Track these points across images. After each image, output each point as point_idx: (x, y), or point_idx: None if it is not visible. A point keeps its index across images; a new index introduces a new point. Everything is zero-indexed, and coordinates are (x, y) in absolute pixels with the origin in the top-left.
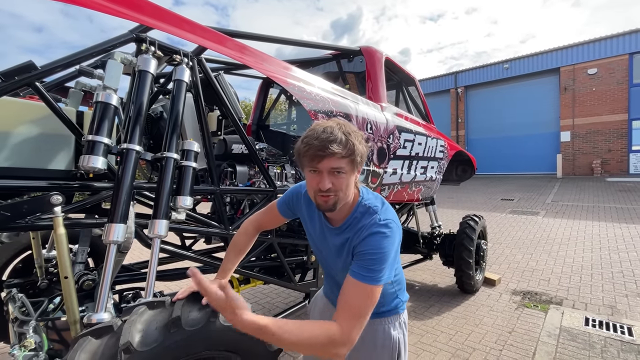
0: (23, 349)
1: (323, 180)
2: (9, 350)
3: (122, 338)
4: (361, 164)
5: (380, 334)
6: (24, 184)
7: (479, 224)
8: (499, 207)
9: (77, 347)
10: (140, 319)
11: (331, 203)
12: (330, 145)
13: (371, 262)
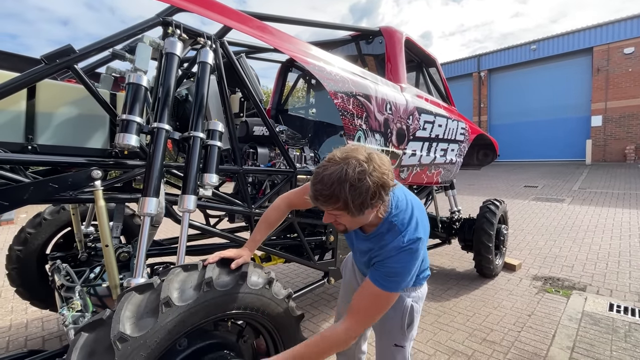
0: (71, 310)
1: (325, 217)
2: (59, 311)
3: (162, 293)
4: (366, 208)
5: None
6: (67, 159)
7: (500, 208)
8: (521, 194)
9: (123, 299)
10: (177, 279)
11: (341, 229)
12: (318, 198)
13: (391, 273)
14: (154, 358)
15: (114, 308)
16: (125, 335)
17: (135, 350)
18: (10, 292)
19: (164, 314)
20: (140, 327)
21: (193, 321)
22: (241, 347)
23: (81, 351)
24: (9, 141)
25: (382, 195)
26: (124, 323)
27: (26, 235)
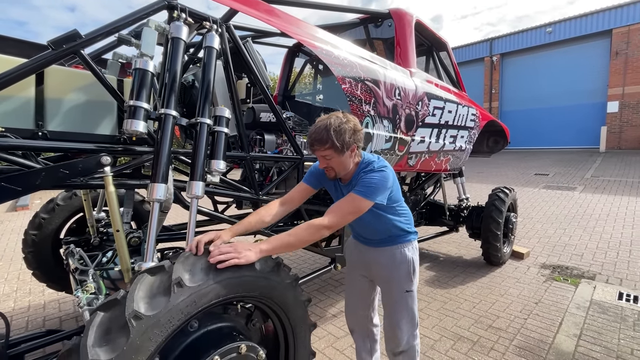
0: (85, 292)
1: (320, 162)
2: (74, 293)
3: (174, 275)
4: (347, 148)
5: (398, 255)
6: (76, 146)
7: (509, 196)
8: (532, 182)
9: (136, 281)
10: (187, 262)
11: (332, 175)
12: (314, 143)
13: (366, 184)
14: (167, 337)
15: (127, 290)
16: (140, 313)
17: (150, 329)
18: (27, 275)
19: (176, 294)
20: (154, 307)
21: (204, 302)
22: (250, 330)
23: (98, 329)
24: (19, 127)
25: (356, 137)
26: (137, 302)
27: (40, 220)
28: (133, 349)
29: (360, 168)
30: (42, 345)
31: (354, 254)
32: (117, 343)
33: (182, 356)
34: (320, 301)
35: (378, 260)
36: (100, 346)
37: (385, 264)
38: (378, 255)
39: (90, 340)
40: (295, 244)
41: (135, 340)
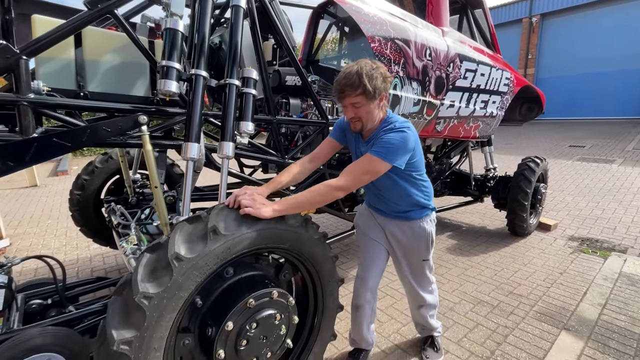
0: (129, 243)
1: (347, 112)
2: (119, 244)
3: (209, 223)
4: (378, 95)
5: (416, 229)
6: (114, 106)
7: (540, 166)
8: (565, 154)
9: (176, 228)
10: (221, 213)
11: (358, 127)
12: (345, 89)
13: (384, 144)
14: (205, 279)
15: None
16: (180, 255)
17: (189, 270)
18: (74, 231)
19: (212, 240)
20: (192, 250)
21: (237, 250)
22: (281, 281)
23: (145, 267)
24: (63, 88)
25: (386, 84)
26: (178, 246)
27: (82, 182)
28: (176, 286)
29: (381, 127)
30: (93, 290)
31: (368, 223)
32: (162, 280)
33: (220, 298)
34: (343, 263)
35: (395, 233)
36: (149, 281)
37: (402, 238)
38: (395, 228)
39: (140, 276)
40: (308, 204)
41: (177, 279)
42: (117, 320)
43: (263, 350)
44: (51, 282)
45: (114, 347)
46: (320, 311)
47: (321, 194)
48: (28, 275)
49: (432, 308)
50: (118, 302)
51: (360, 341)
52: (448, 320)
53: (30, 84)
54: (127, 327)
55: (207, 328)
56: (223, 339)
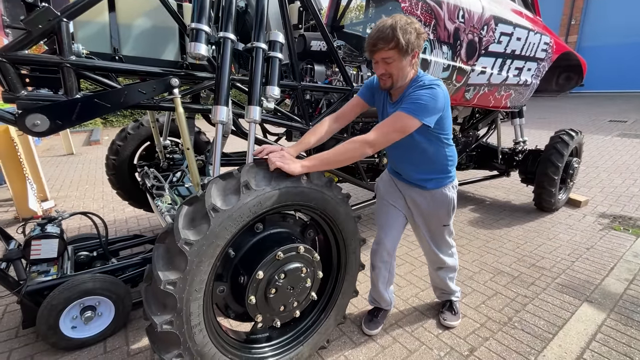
0: (164, 202)
1: (378, 68)
2: (154, 202)
3: (242, 179)
4: (411, 51)
5: (438, 196)
6: (147, 69)
7: (575, 139)
8: (604, 129)
9: (211, 183)
10: (251, 170)
11: (388, 84)
12: (377, 43)
13: (414, 100)
14: (238, 230)
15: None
16: (217, 207)
17: (225, 221)
18: (110, 195)
19: (245, 194)
20: (227, 203)
21: (267, 205)
22: (306, 238)
23: (185, 217)
24: (100, 51)
25: (420, 41)
26: (214, 198)
27: (117, 147)
28: (213, 235)
29: (410, 85)
30: (130, 246)
31: (389, 188)
32: (200, 228)
33: (251, 251)
34: (363, 232)
35: (416, 199)
36: (189, 229)
37: (423, 204)
38: (416, 194)
39: (181, 224)
40: (336, 161)
41: (215, 228)
42: (162, 263)
43: (290, 300)
44: (95, 237)
45: (161, 287)
46: (343, 268)
47: (350, 149)
48: (72, 232)
49: (452, 271)
50: (162, 248)
51: (378, 300)
52: (467, 287)
53: (71, 46)
54: (171, 270)
55: (239, 276)
56: (254, 286)
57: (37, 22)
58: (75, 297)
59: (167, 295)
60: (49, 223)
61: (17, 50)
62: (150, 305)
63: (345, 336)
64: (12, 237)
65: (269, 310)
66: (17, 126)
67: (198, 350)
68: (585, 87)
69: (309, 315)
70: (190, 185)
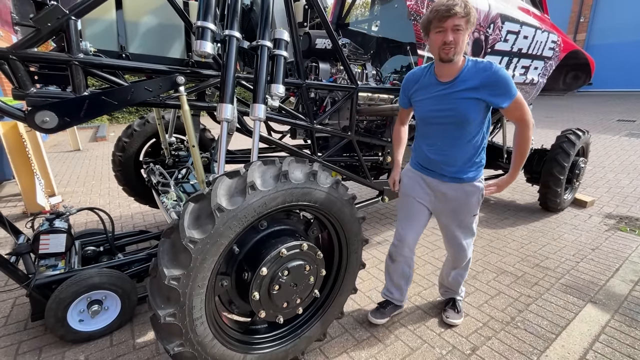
0: (169, 198)
1: (447, 35)
2: (160, 199)
3: (248, 178)
4: (474, 24)
5: (469, 188)
6: (153, 66)
7: (582, 139)
8: (612, 129)
9: (217, 182)
10: (258, 169)
11: (452, 54)
12: (453, 8)
13: (508, 82)
14: (243, 229)
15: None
16: (222, 206)
17: (230, 220)
18: (116, 191)
19: (250, 195)
20: (233, 203)
21: (272, 205)
22: (309, 237)
23: (190, 214)
24: (107, 49)
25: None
26: (220, 197)
27: (123, 144)
28: (218, 234)
29: (468, 65)
30: (136, 241)
31: (414, 185)
32: (206, 227)
33: (255, 247)
34: (366, 230)
35: (448, 195)
36: (194, 228)
37: (454, 198)
38: (449, 190)
39: (186, 222)
40: (527, 155)
41: (219, 227)
42: (166, 259)
43: (293, 296)
44: (101, 233)
45: (165, 282)
46: (344, 266)
47: (528, 143)
48: (79, 227)
49: (465, 270)
50: (167, 243)
51: (392, 292)
52: (470, 286)
53: (79, 44)
54: (175, 266)
55: (243, 272)
56: (258, 283)
57: (46, 20)
58: (83, 291)
59: (171, 290)
60: (57, 218)
61: (26, 48)
62: (154, 298)
63: (348, 333)
64: (21, 232)
65: (272, 306)
66: (27, 123)
67: (199, 341)
68: (594, 86)
69: (307, 309)
70: (195, 182)
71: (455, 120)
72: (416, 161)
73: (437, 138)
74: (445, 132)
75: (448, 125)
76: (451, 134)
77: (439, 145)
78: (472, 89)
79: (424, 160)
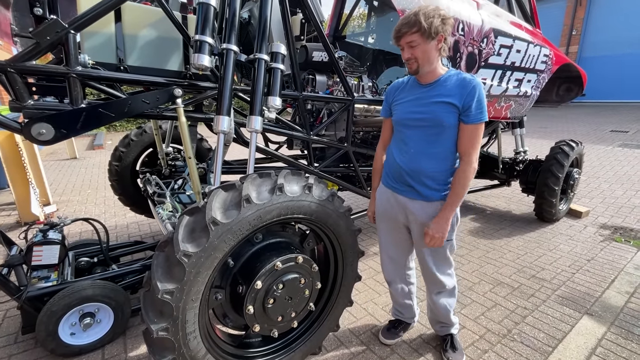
0: (165, 209)
1: (404, 53)
2: (156, 210)
3: (244, 192)
4: (435, 35)
5: (440, 208)
6: (151, 79)
7: (575, 150)
8: (605, 140)
9: (212, 194)
10: (254, 182)
11: (414, 67)
12: (401, 28)
13: (480, 106)
14: (237, 243)
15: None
16: (217, 220)
17: (224, 234)
18: (111, 200)
19: (245, 208)
20: (228, 216)
21: (267, 218)
22: (305, 249)
23: (185, 228)
24: (106, 62)
25: (446, 26)
26: (215, 211)
27: (120, 153)
28: (212, 247)
29: (454, 74)
30: (131, 252)
31: (391, 206)
32: (200, 241)
33: (249, 260)
34: (363, 240)
35: (418, 214)
36: (188, 241)
37: (425, 219)
38: (418, 208)
39: (180, 236)
40: (464, 195)
41: (213, 241)
42: (160, 272)
43: (288, 310)
44: (96, 243)
45: (158, 296)
46: (340, 279)
47: (467, 183)
48: (74, 237)
49: (452, 296)
50: (161, 257)
51: (401, 311)
52: (466, 298)
53: (78, 57)
54: (169, 280)
55: (237, 286)
56: (253, 296)
57: (45, 34)
58: (75, 303)
59: (164, 304)
60: (50, 229)
61: (25, 61)
62: (147, 312)
63: (344, 346)
64: (14, 243)
65: (267, 320)
66: (23, 135)
67: (192, 356)
68: (587, 97)
69: (302, 323)
70: (191, 193)
71: (431, 124)
72: (386, 176)
73: (411, 143)
74: (420, 136)
75: (424, 129)
76: (426, 138)
77: (412, 152)
78: (449, 94)
79: (395, 172)
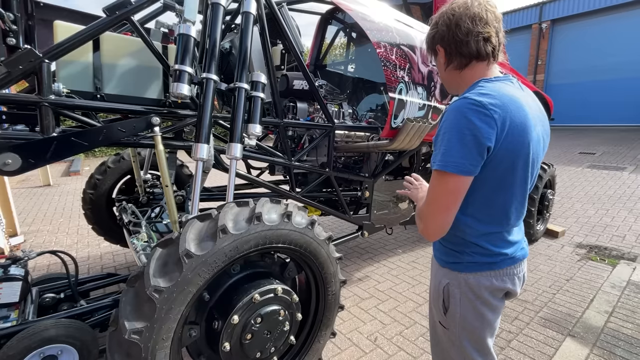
0: (140, 240)
1: None
2: (130, 241)
3: (220, 222)
4: (441, 49)
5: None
6: (129, 107)
7: (547, 172)
8: (575, 161)
9: (187, 225)
10: (231, 212)
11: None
12: None
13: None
14: (213, 275)
15: (180, 232)
16: (191, 252)
17: (199, 266)
18: (85, 229)
19: (221, 239)
20: (202, 248)
21: (245, 248)
22: (285, 279)
23: (157, 261)
24: (82, 90)
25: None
26: (189, 243)
27: (95, 181)
28: (185, 281)
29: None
30: (103, 285)
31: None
32: (172, 275)
33: (226, 293)
34: (347, 266)
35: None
36: (160, 276)
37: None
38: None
39: (152, 270)
40: None
41: (187, 274)
42: (129, 310)
43: (267, 345)
44: (64, 277)
45: (126, 336)
46: (322, 310)
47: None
48: (41, 270)
49: None
50: (131, 292)
51: None
52: None
53: (51, 86)
54: (138, 318)
55: (213, 321)
56: (229, 332)
57: (18, 64)
58: (35, 346)
59: (132, 345)
60: (13, 264)
61: None
62: (113, 354)
63: None
64: None
65: (244, 357)
66: None
67: None
68: (556, 121)
69: (283, 358)
70: (168, 222)
71: None
72: None
73: None
74: None
75: None
76: None
77: None
78: None
79: None
